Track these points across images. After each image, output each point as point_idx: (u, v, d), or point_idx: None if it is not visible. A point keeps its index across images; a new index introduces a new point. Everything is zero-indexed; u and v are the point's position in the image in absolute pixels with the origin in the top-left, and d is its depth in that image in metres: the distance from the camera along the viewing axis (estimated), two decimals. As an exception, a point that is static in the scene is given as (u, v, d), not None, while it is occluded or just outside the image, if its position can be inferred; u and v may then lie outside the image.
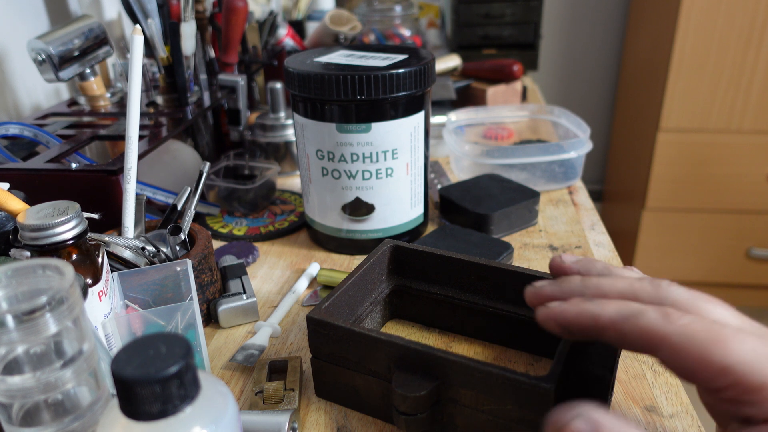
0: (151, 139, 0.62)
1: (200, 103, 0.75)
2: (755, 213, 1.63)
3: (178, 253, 0.50)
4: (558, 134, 0.85)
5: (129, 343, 0.24)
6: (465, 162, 0.74)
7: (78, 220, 0.36)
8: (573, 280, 0.34)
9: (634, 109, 1.81)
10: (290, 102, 0.59)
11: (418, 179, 0.59)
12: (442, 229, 0.59)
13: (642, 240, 1.72)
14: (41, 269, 0.28)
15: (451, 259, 0.45)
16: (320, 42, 1.06)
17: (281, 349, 0.47)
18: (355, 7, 1.34)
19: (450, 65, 1.07)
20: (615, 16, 1.98)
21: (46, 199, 0.39)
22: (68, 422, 0.30)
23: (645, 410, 0.39)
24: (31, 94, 0.82)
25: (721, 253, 1.70)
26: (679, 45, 1.49)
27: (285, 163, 0.81)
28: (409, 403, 0.34)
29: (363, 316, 0.45)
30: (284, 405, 0.39)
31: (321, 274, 0.55)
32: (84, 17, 0.72)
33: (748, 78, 1.50)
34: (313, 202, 0.60)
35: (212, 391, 0.25)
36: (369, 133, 0.54)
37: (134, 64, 0.47)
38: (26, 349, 0.28)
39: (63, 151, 0.59)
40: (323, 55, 0.58)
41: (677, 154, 1.60)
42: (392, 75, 0.51)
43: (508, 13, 1.28)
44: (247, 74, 0.89)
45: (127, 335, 0.40)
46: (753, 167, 1.58)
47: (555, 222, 0.66)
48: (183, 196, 0.52)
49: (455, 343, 0.46)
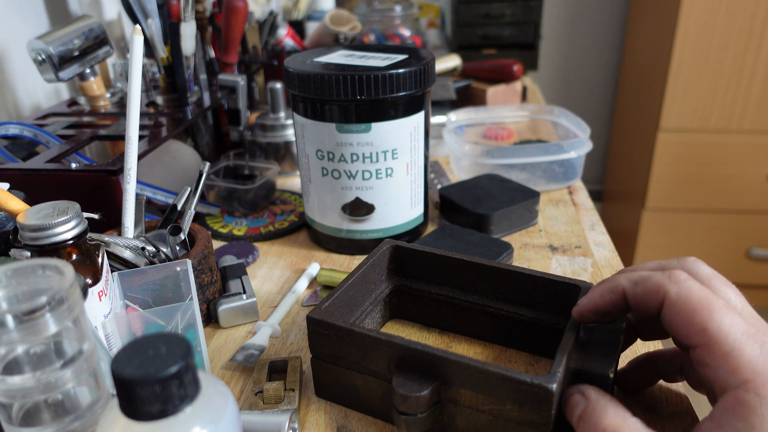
0: (151, 139, 0.62)
1: (200, 103, 0.75)
2: (755, 213, 1.63)
3: (178, 253, 0.50)
4: (558, 134, 0.85)
5: (129, 343, 0.24)
6: (465, 162, 0.74)
7: (78, 220, 0.36)
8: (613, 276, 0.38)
9: (634, 109, 1.81)
10: (290, 102, 0.59)
11: (418, 179, 0.59)
12: (442, 229, 0.59)
13: (642, 240, 1.72)
14: (41, 269, 0.28)
15: (451, 259, 0.45)
16: (320, 42, 1.06)
17: (281, 349, 0.47)
18: (355, 7, 1.34)
19: (450, 65, 1.07)
20: (615, 16, 1.98)
21: (46, 199, 0.39)
22: (68, 422, 0.30)
23: (645, 410, 0.39)
24: (31, 94, 0.82)
25: (721, 253, 1.70)
26: (679, 45, 1.49)
27: (285, 163, 0.81)
28: (409, 403, 0.34)
29: (363, 316, 0.45)
30: (284, 405, 0.39)
31: (321, 274, 0.55)
32: (84, 17, 0.72)
33: (748, 78, 1.50)
34: (313, 202, 0.60)
35: (212, 391, 0.25)
36: (369, 133, 0.54)
37: (134, 64, 0.47)
38: (26, 349, 0.28)
39: (63, 151, 0.59)
40: (323, 55, 0.58)
41: (677, 154, 1.60)
42: (392, 75, 0.51)
43: (508, 13, 1.28)
44: (247, 74, 0.89)
45: (127, 335, 0.40)
46: (753, 167, 1.58)
47: (555, 222, 0.66)
48: (183, 196, 0.52)
49: (455, 343, 0.46)
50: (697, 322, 0.30)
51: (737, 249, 1.68)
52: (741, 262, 1.69)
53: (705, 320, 0.30)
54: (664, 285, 0.32)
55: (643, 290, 0.33)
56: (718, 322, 0.29)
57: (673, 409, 0.39)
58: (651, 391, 0.41)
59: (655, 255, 1.73)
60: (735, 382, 0.28)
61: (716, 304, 0.30)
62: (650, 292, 0.32)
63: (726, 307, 0.30)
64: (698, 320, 0.30)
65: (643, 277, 0.33)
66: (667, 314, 0.31)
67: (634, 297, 0.33)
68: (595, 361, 0.35)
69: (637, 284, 0.33)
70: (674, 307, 0.31)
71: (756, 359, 0.28)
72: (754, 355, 0.28)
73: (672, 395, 0.40)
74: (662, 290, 0.32)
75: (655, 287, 0.32)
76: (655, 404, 0.40)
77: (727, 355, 0.29)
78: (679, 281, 0.31)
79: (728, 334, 0.29)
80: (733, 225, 1.65)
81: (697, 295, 0.30)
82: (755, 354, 0.28)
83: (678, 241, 1.70)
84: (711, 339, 0.29)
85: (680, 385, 0.41)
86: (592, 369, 0.34)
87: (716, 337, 0.29)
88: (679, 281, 0.31)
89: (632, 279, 0.34)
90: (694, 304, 0.30)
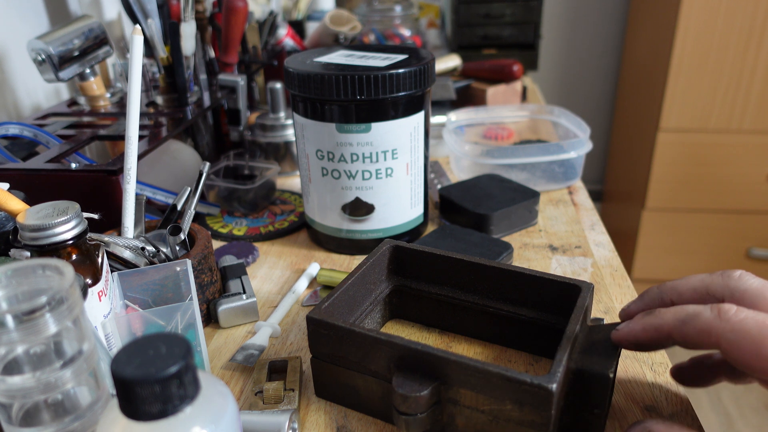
0: (151, 139, 0.62)
1: (200, 103, 0.75)
2: (755, 213, 1.63)
3: (178, 253, 0.50)
4: (558, 134, 0.85)
5: (129, 343, 0.24)
6: (465, 162, 0.74)
7: (78, 220, 0.36)
8: (652, 290, 0.37)
9: (634, 109, 1.81)
10: (290, 102, 0.59)
11: (418, 179, 0.59)
12: (442, 229, 0.59)
13: (642, 240, 1.72)
14: (41, 269, 0.28)
15: (451, 259, 0.45)
16: (320, 42, 1.06)
17: (281, 349, 0.47)
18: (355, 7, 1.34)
19: (450, 65, 1.07)
20: (615, 16, 1.98)
21: (46, 199, 0.39)
22: (68, 422, 0.30)
23: (645, 410, 0.39)
24: (31, 94, 0.82)
25: (721, 253, 1.70)
26: (679, 45, 1.49)
27: (285, 163, 0.81)
28: (409, 403, 0.34)
29: (363, 316, 0.45)
30: (284, 405, 0.39)
31: (321, 274, 0.55)
32: (84, 17, 0.72)
33: (748, 78, 1.50)
34: (313, 202, 0.60)
35: (212, 391, 0.25)
36: (369, 133, 0.54)
37: (134, 64, 0.47)
38: (26, 349, 0.28)
39: (63, 151, 0.59)
40: (323, 55, 0.58)
41: (677, 154, 1.60)
42: (392, 75, 0.51)
43: (508, 13, 1.28)
44: (247, 74, 0.89)
45: (127, 335, 0.40)
46: (753, 167, 1.58)
47: (555, 222, 0.66)
48: (183, 196, 0.52)
49: (455, 343, 0.46)
50: (764, 356, 0.28)
51: (737, 249, 1.68)
52: (741, 262, 1.69)
53: None
54: (715, 327, 0.30)
55: (693, 331, 0.31)
56: None
57: (673, 409, 0.39)
58: (651, 391, 0.41)
59: (655, 255, 1.73)
60: None
61: None
62: (701, 334, 0.30)
63: None
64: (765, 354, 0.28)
65: (691, 315, 0.31)
66: (729, 355, 0.30)
67: (683, 337, 0.31)
68: (595, 361, 0.35)
69: (685, 324, 0.31)
70: (734, 349, 0.29)
71: None
72: None
73: (672, 395, 0.40)
74: (714, 333, 0.30)
75: (705, 329, 0.30)
76: (655, 404, 0.40)
77: None
78: (730, 320, 0.29)
79: None
80: (733, 225, 1.65)
81: (754, 328, 0.28)
82: None
83: (678, 241, 1.70)
84: None
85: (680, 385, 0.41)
86: (592, 369, 0.34)
87: None
88: (730, 320, 0.29)
89: (679, 317, 0.32)
90: (753, 340, 0.28)
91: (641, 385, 0.41)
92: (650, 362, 0.44)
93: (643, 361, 0.44)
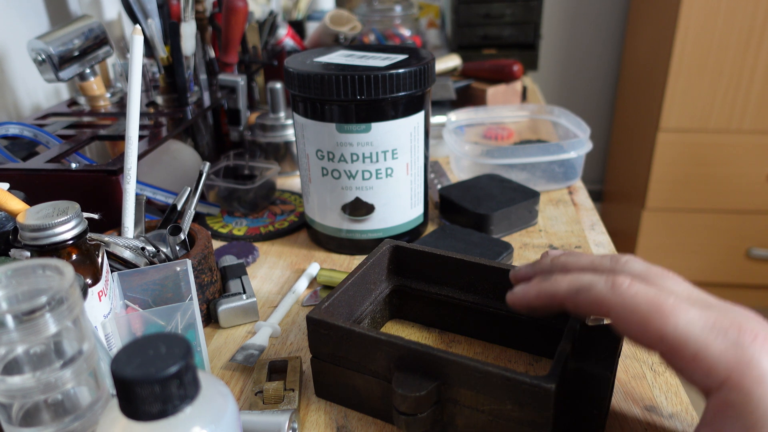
0: (151, 139, 0.62)
1: (200, 103, 0.75)
2: (755, 213, 1.63)
3: (178, 253, 0.50)
4: (558, 134, 0.85)
5: (129, 343, 0.24)
6: (465, 162, 0.74)
7: (78, 220, 0.36)
8: (544, 261, 0.37)
9: (634, 109, 1.81)
10: (290, 102, 0.59)
11: (418, 179, 0.59)
12: (442, 229, 0.59)
13: (642, 240, 1.72)
14: (41, 269, 0.28)
15: (451, 259, 0.45)
16: (320, 42, 1.06)
17: (281, 349, 0.47)
18: (355, 7, 1.34)
19: (450, 65, 1.07)
20: (615, 16, 1.98)
21: (46, 199, 0.39)
22: (68, 422, 0.30)
23: (645, 410, 0.39)
24: (31, 94, 0.82)
25: (721, 253, 1.70)
26: (679, 45, 1.49)
27: (285, 163, 0.81)
28: (409, 403, 0.34)
29: (363, 316, 0.45)
30: (284, 405, 0.39)
31: (321, 274, 0.55)
32: (84, 17, 0.72)
33: (748, 78, 1.50)
34: (313, 202, 0.60)
35: (212, 391, 0.25)
36: (369, 133, 0.54)
37: (134, 64, 0.47)
38: (26, 349, 0.28)
39: (63, 151, 0.59)
40: (323, 55, 0.58)
41: (677, 154, 1.60)
42: (392, 75, 0.51)
43: (508, 13, 1.28)
44: (247, 74, 0.89)
45: (127, 335, 0.40)
46: (753, 167, 1.58)
47: (555, 222, 0.66)
48: (183, 196, 0.52)
49: (455, 343, 0.46)
50: (652, 330, 0.28)
51: (737, 249, 1.68)
52: (741, 262, 1.69)
53: (660, 327, 0.28)
54: (607, 300, 0.30)
55: (585, 302, 0.31)
56: (673, 324, 0.28)
57: (673, 409, 0.39)
58: (651, 391, 0.41)
59: (655, 255, 1.73)
60: (713, 383, 0.27)
61: (666, 304, 0.28)
62: (593, 305, 0.31)
63: (677, 305, 0.28)
64: (653, 328, 0.28)
65: (586, 286, 0.31)
66: (618, 327, 0.30)
67: (575, 306, 0.32)
68: (595, 361, 0.35)
69: (579, 293, 0.31)
70: (622, 323, 0.29)
71: (725, 354, 0.27)
72: (721, 351, 0.27)
73: (672, 395, 0.40)
74: (605, 305, 0.30)
75: (598, 300, 0.30)
76: (655, 404, 0.40)
77: (694, 358, 0.27)
78: (622, 294, 0.29)
79: (688, 336, 0.27)
80: (733, 225, 1.65)
81: (644, 305, 0.29)
82: (722, 349, 0.27)
83: (678, 241, 1.70)
84: (672, 345, 0.28)
85: (680, 385, 0.41)
86: (592, 369, 0.34)
87: (677, 342, 0.28)
88: (622, 294, 0.29)
89: (574, 286, 0.32)
90: (642, 316, 0.28)
91: (641, 385, 0.41)
92: (650, 362, 0.44)
93: (643, 361, 0.44)
